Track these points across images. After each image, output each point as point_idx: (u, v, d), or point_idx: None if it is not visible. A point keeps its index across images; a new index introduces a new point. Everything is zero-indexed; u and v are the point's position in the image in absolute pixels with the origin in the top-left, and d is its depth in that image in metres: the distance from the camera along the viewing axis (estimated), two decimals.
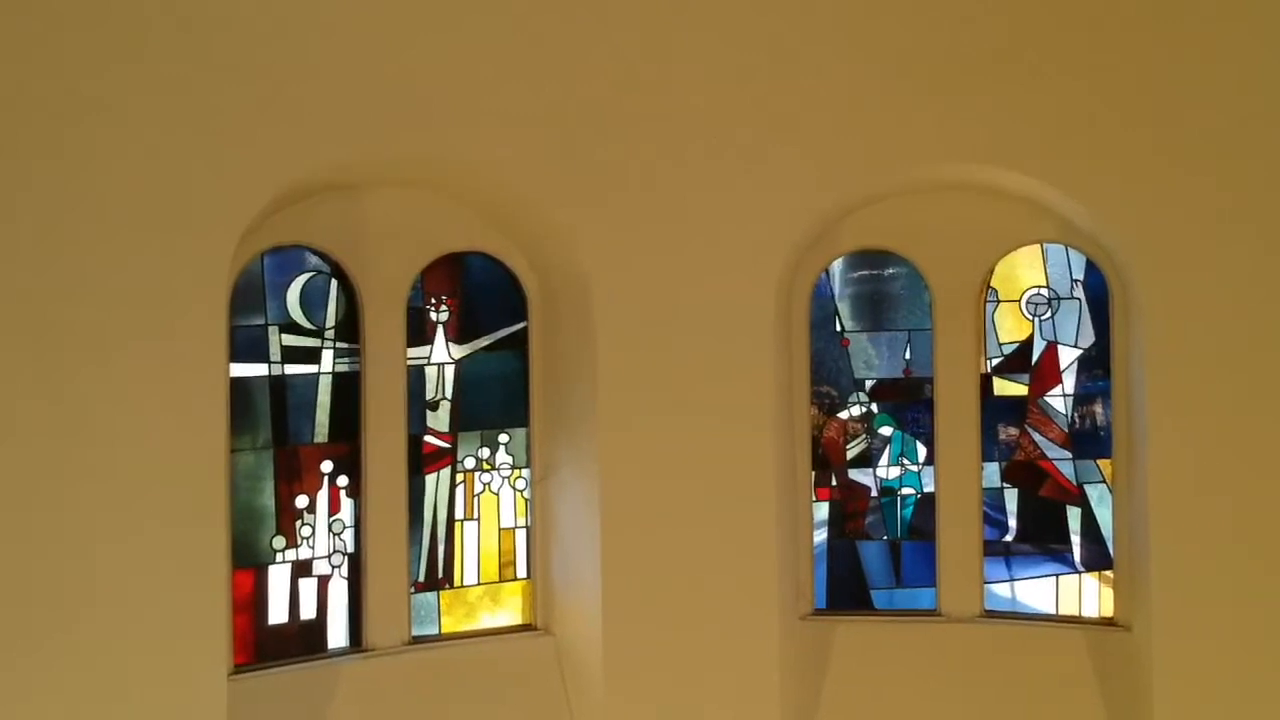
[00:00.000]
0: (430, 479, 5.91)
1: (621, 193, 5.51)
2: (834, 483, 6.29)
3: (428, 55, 5.15)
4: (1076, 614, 6.01)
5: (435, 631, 5.88)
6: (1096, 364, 5.98)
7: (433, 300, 5.92)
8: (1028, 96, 5.40)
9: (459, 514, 5.98)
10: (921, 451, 6.21)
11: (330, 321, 5.67)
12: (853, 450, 6.30)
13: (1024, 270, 6.10)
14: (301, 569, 5.60)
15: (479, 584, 6.01)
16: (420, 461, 5.87)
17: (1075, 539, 6.05)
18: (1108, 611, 5.91)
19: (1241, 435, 5.20)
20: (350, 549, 5.68)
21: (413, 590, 5.80)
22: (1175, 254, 5.28)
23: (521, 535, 6.09)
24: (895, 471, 6.26)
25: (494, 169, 5.38)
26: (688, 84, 5.51)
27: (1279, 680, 5.16)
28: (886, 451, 6.28)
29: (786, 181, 5.58)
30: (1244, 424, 5.19)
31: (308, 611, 5.60)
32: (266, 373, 5.54)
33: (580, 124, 5.41)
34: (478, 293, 6.02)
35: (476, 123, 5.25)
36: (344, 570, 5.67)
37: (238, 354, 5.36)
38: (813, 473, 6.22)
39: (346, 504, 5.68)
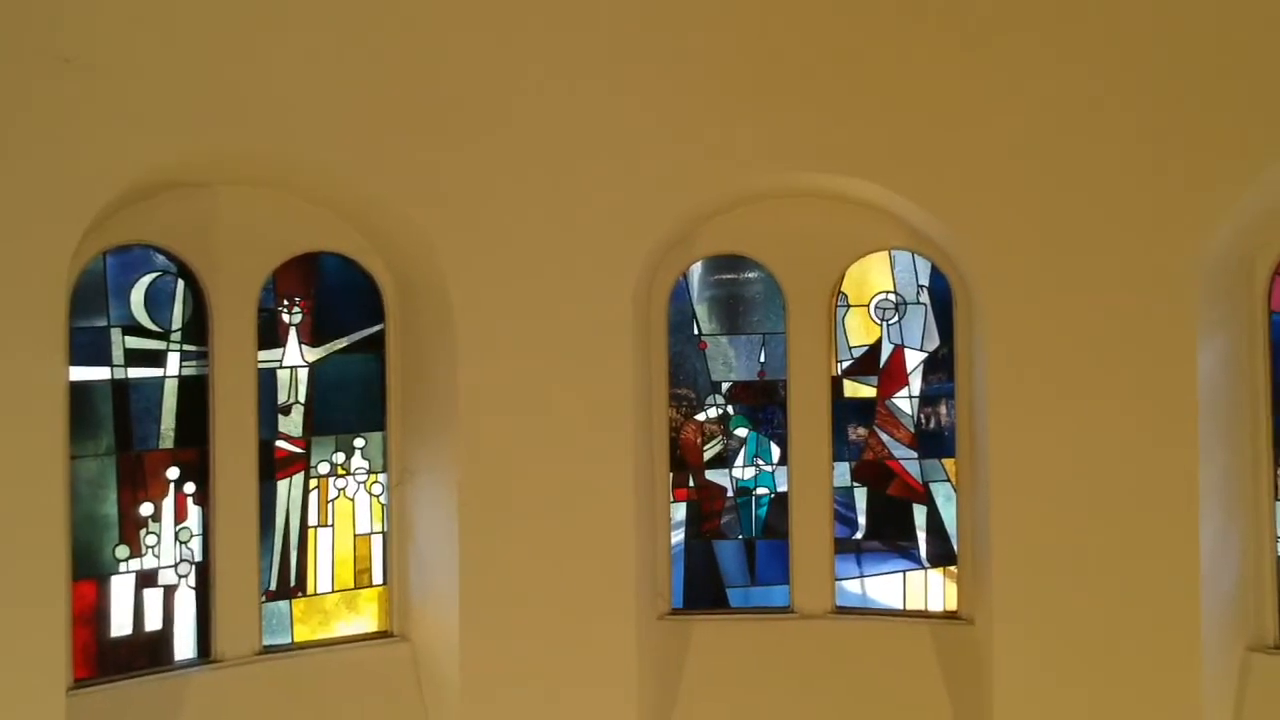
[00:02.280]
0: (282, 485, 5.79)
1: (479, 194, 5.49)
2: (691, 483, 6.38)
3: (277, 53, 5.04)
4: (923, 608, 6.22)
5: (288, 640, 5.76)
6: (941, 367, 6.20)
7: (285, 301, 5.79)
8: (876, 107, 5.55)
9: (313, 520, 5.87)
10: (775, 452, 6.34)
11: (176, 323, 5.50)
12: (710, 451, 6.40)
13: (873, 275, 6.29)
14: (146, 579, 5.43)
15: (333, 591, 5.90)
16: (272, 467, 5.74)
17: (921, 536, 6.26)
18: (952, 605, 6.13)
19: (1077, 436, 5.43)
20: (198, 558, 5.52)
21: (264, 599, 5.67)
22: (1016, 261, 5.49)
23: (378, 541, 6.01)
24: (750, 472, 6.38)
25: (347, 170, 5.30)
26: (545, 88, 5.51)
27: (1110, 669, 5.41)
28: (742, 452, 6.40)
29: (643, 186, 5.63)
30: (1079, 425, 5.42)
31: (153, 622, 5.43)
32: (109, 376, 5.35)
33: (437, 126, 5.37)
34: (332, 294, 5.91)
35: (327, 123, 5.16)
36: (191, 580, 5.51)
37: (78, 357, 5.16)
38: (670, 474, 6.29)
39: (194, 511, 5.52)
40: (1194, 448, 5.26)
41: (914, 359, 6.28)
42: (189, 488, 5.51)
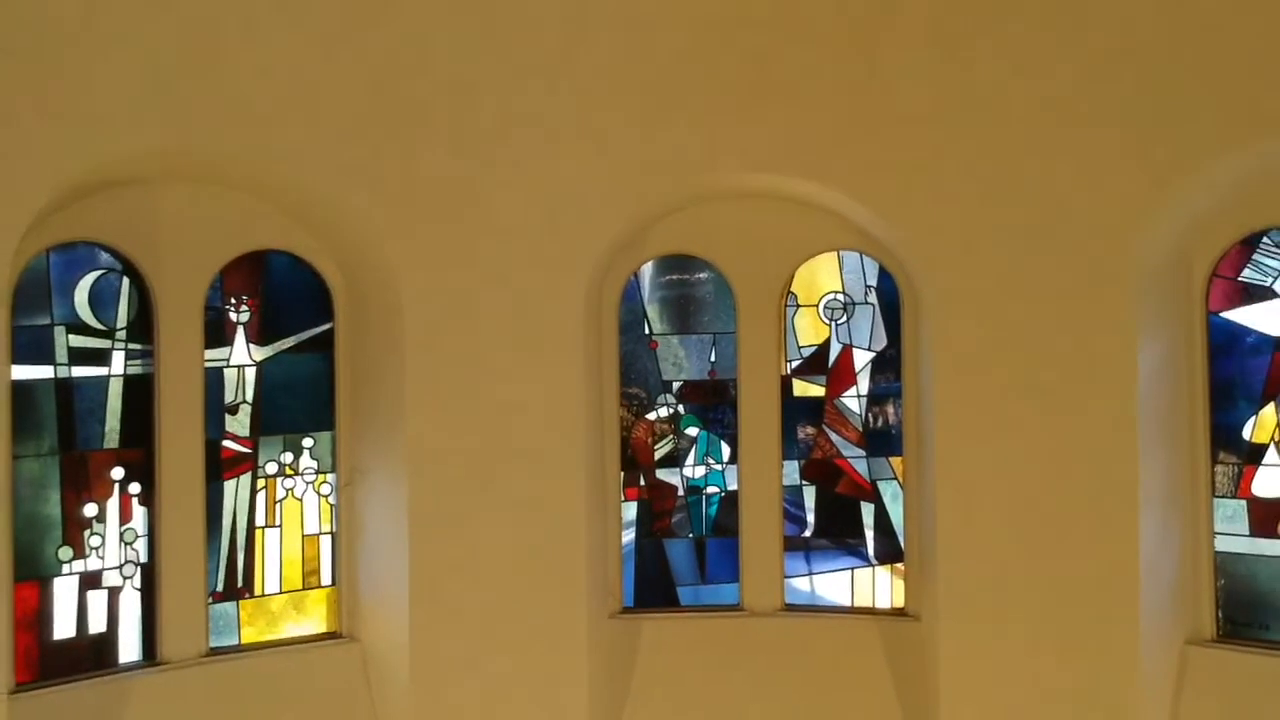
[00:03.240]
0: (229, 485, 5.73)
1: (431, 194, 5.48)
2: (642, 482, 6.39)
3: (226, 51, 4.99)
4: (870, 605, 6.28)
5: (235, 642, 5.70)
6: (888, 366, 6.27)
7: (232, 300, 5.74)
8: (824, 111, 5.61)
9: (260, 521, 5.82)
10: (726, 451, 6.38)
11: (121, 322, 5.43)
12: (660, 450, 6.42)
13: (822, 276, 6.34)
14: (90, 580, 5.34)
15: (281, 592, 5.85)
16: (219, 467, 5.68)
17: (869, 533, 6.32)
18: (899, 602, 6.20)
19: (1021, 435, 5.51)
20: (143, 559, 5.45)
21: (210, 600, 5.62)
22: (961, 263, 5.57)
23: (326, 541, 5.97)
24: (701, 471, 6.41)
25: (295, 168, 5.27)
26: (498, 88, 5.51)
27: (1052, 662, 5.49)
28: (692, 451, 6.42)
29: (595, 186, 5.65)
30: (1024, 424, 5.50)
31: (97, 625, 5.35)
32: (52, 375, 5.27)
33: (390, 124, 5.35)
34: (281, 292, 5.86)
35: (276, 121, 5.13)
36: (136, 581, 5.44)
37: (20, 355, 5.07)
38: (621, 473, 6.31)
39: (139, 512, 5.45)
40: (1134, 446, 5.35)
41: (862, 359, 6.34)
42: (134, 488, 5.44)
